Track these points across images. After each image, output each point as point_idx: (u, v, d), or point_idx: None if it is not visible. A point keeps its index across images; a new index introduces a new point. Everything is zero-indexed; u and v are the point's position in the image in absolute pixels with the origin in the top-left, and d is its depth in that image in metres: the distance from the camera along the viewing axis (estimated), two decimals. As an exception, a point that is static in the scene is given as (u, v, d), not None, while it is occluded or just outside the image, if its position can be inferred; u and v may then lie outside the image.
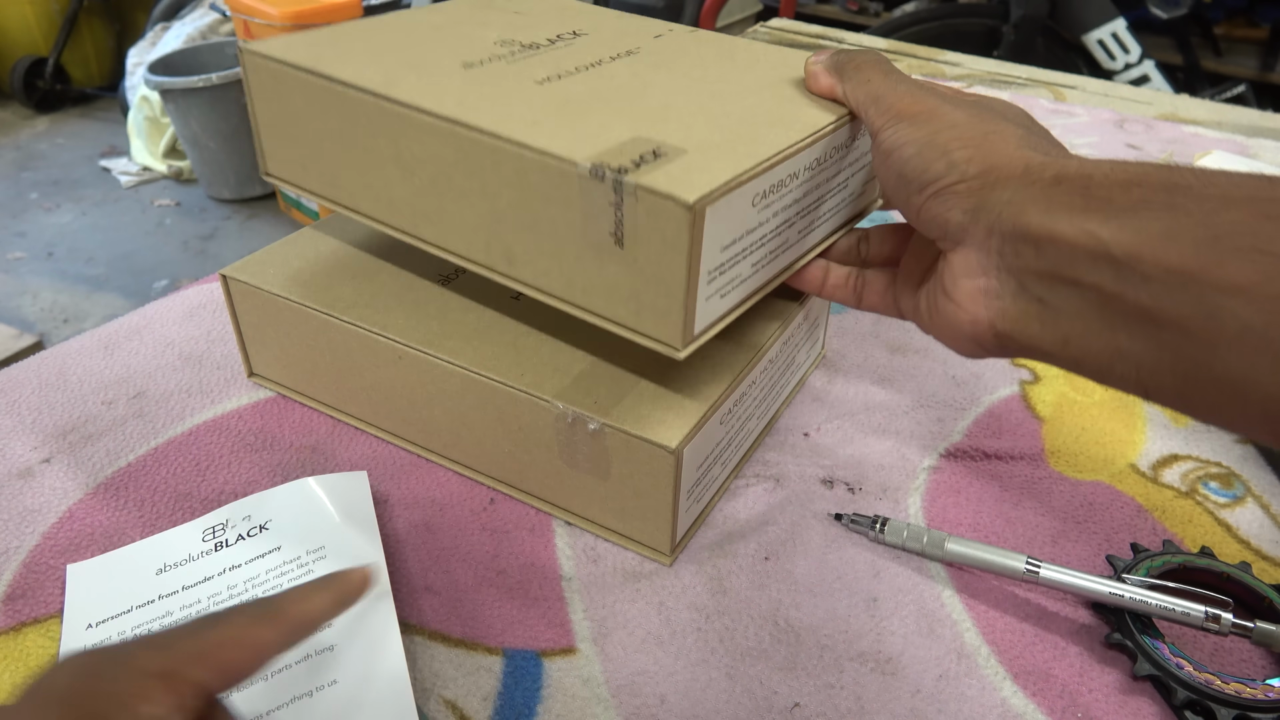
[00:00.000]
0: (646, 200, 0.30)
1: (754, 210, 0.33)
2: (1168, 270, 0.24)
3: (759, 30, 1.11)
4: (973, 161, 0.29)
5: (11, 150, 2.55)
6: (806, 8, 2.80)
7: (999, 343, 0.30)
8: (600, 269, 0.33)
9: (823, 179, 0.37)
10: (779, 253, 0.37)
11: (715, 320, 0.34)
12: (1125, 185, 0.26)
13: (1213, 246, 0.24)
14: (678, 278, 0.31)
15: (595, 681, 0.34)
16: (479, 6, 0.48)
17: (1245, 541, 0.41)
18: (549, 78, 0.38)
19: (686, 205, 0.29)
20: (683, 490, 0.37)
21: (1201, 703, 0.32)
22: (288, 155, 0.42)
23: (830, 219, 0.40)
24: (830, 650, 0.35)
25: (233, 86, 2.07)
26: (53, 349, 0.51)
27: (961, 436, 0.47)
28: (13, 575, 0.37)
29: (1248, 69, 2.32)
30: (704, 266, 0.31)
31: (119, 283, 1.96)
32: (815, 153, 0.35)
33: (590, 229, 0.32)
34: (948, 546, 0.38)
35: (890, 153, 0.32)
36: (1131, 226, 0.25)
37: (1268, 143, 0.84)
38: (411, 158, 0.36)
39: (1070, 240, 0.26)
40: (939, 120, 0.31)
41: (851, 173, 0.40)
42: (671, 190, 0.30)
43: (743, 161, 0.32)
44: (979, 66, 1.03)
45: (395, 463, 0.44)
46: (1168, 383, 0.26)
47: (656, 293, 0.32)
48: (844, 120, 0.37)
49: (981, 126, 0.30)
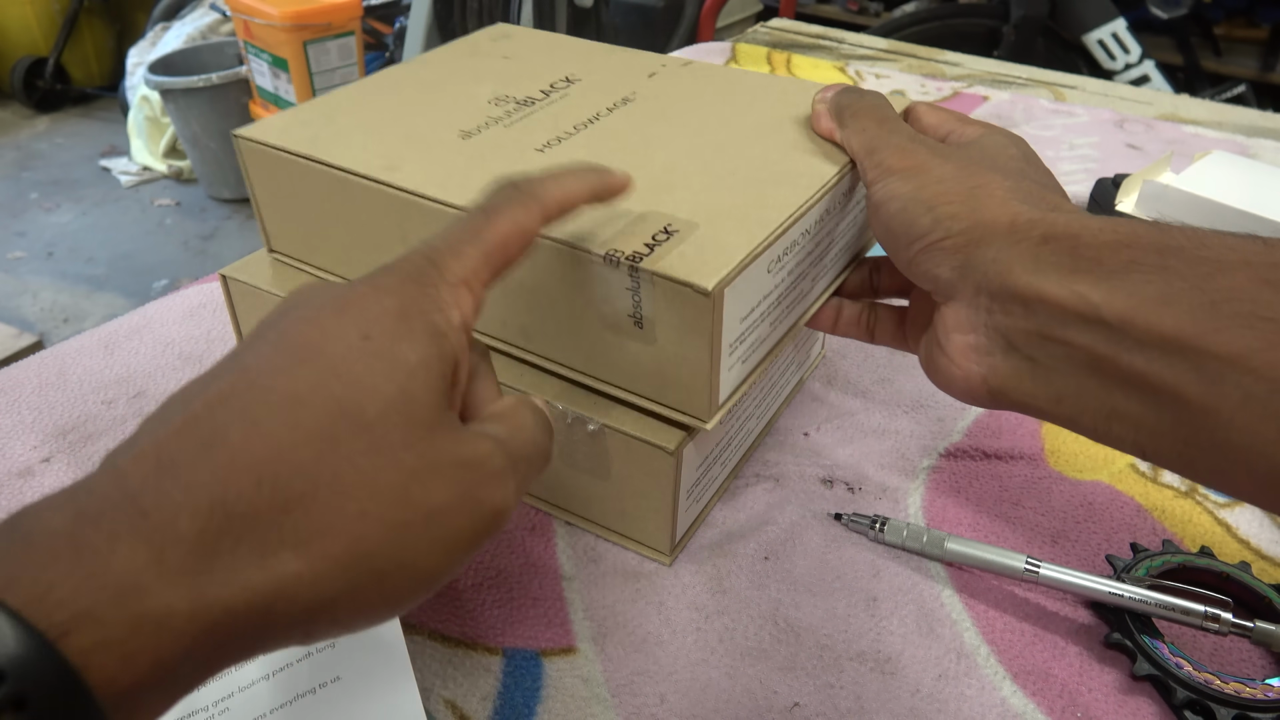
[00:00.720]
0: (664, 286, 0.30)
1: (769, 276, 0.33)
2: (1163, 337, 0.24)
3: (759, 30, 1.11)
4: (958, 218, 0.29)
5: (11, 150, 2.55)
6: (806, 8, 2.80)
7: (993, 398, 0.30)
8: (620, 348, 0.33)
9: (830, 227, 0.37)
10: (794, 305, 0.37)
11: (738, 385, 0.34)
12: (1114, 246, 0.26)
13: (1210, 313, 0.23)
14: (700, 357, 0.31)
15: (595, 681, 0.34)
16: (466, 55, 0.47)
17: (1245, 541, 0.41)
18: (548, 143, 0.38)
19: (705, 292, 0.29)
20: (682, 490, 0.37)
21: (1201, 702, 0.33)
22: (292, 234, 0.42)
23: (840, 259, 0.40)
24: (830, 650, 0.35)
25: (233, 86, 2.07)
26: (53, 349, 0.51)
27: (961, 436, 0.47)
28: (13, 575, 0.37)
29: (1248, 69, 2.32)
30: (725, 340, 0.31)
31: (119, 283, 1.96)
32: (823, 206, 0.35)
33: (608, 312, 0.32)
34: (947, 546, 0.38)
35: (879, 207, 0.32)
36: (1124, 290, 0.25)
37: (1268, 143, 0.84)
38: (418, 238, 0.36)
39: (1059, 301, 0.26)
40: (926, 175, 0.31)
41: (859, 210, 0.40)
42: (689, 277, 0.30)
43: (756, 233, 0.32)
44: (979, 66, 1.03)
45: (395, 462, 0.44)
46: (1168, 447, 0.25)
47: (680, 371, 0.32)
48: (847, 167, 0.36)
49: (968, 181, 0.30)
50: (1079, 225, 0.27)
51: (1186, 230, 0.25)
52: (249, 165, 0.40)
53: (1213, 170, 0.61)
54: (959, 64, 1.03)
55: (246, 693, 0.33)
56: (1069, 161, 0.80)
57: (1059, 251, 0.27)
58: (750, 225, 0.32)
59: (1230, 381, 0.23)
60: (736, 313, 0.31)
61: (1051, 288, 0.26)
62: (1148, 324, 0.24)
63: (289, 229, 0.42)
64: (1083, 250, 0.26)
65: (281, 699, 0.33)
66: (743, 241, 0.31)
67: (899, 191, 0.31)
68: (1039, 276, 0.27)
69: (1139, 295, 0.24)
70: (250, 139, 0.39)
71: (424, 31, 2.17)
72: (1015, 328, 0.28)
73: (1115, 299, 0.25)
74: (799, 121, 0.40)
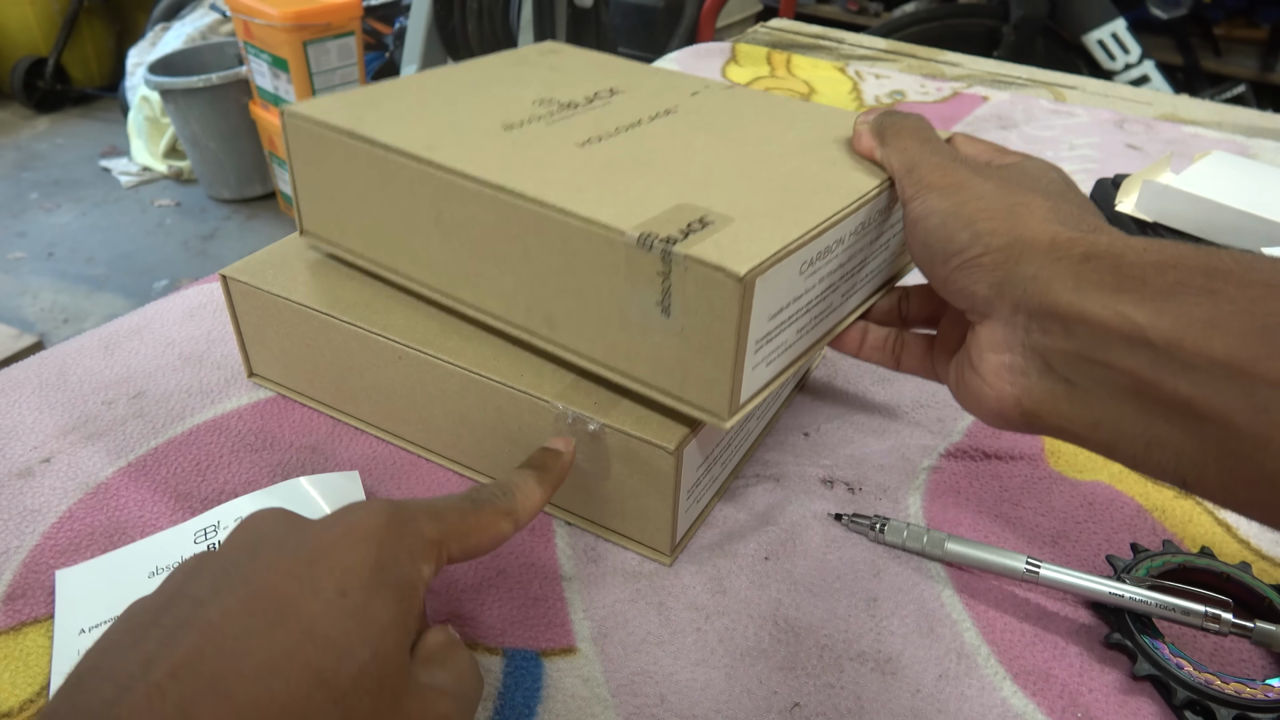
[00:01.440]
0: (696, 271, 0.30)
1: (801, 278, 0.33)
2: (1212, 360, 0.23)
3: (759, 30, 1.11)
4: (997, 234, 0.29)
5: (12, 150, 2.55)
6: (806, 8, 2.80)
7: (1026, 421, 0.29)
8: (645, 337, 0.33)
9: (865, 242, 0.37)
10: (823, 317, 0.37)
11: (760, 388, 0.34)
12: (1160, 267, 0.25)
13: (1263, 337, 0.22)
14: (726, 348, 0.31)
15: (595, 681, 0.34)
16: (513, 63, 0.48)
17: (1245, 541, 0.41)
18: (589, 140, 0.38)
19: (737, 277, 0.29)
20: (683, 490, 0.37)
21: (1201, 703, 0.32)
22: (326, 215, 0.42)
23: (871, 280, 0.40)
24: (830, 650, 0.35)
25: (233, 86, 2.07)
26: (53, 349, 0.51)
27: (961, 436, 0.47)
28: (13, 575, 0.37)
29: (1248, 69, 2.32)
30: (752, 336, 0.31)
31: (119, 283, 1.97)
32: (859, 218, 0.35)
33: (636, 298, 0.32)
34: (948, 546, 0.38)
35: (917, 222, 0.31)
36: (1170, 311, 0.24)
37: (1267, 143, 0.84)
38: (452, 221, 0.36)
39: (1102, 321, 0.25)
40: (966, 191, 0.31)
41: (893, 234, 0.39)
42: (722, 261, 0.29)
43: (790, 230, 0.31)
44: (979, 66, 1.03)
45: (395, 463, 0.44)
46: (1211, 476, 0.24)
47: (704, 363, 0.32)
48: (886, 184, 0.36)
49: (1008, 198, 0.30)
50: (1122, 245, 0.26)
51: (1234, 254, 0.25)
52: (291, 142, 0.40)
53: (1213, 170, 0.61)
54: (959, 64, 1.03)
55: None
56: (1069, 162, 0.80)
57: (1101, 270, 0.26)
58: (786, 224, 0.32)
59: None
60: (766, 308, 0.31)
61: (1093, 307, 0.26)
62: (1196, 347, 0.23)
63: (323, 209, 0.42)
64: (1126, 270, 0.25)
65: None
66: (777, 236, 0.31)
67: (938, 207, 0.31)
68: (1080, 295, 0.26)
69: (1186, 317, 0.24)
70: (296, 114, 0.39)
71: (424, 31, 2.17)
72: (1053, 348, 0.27)
73: (1162, 320, 0.24)
74: (839, 141, 0.40)
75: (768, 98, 0.46)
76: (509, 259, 0.35)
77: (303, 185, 0.42)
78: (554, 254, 0.33)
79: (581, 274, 0.33)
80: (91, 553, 0.38)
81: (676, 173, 0.35)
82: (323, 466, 0.43)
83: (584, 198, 0.33)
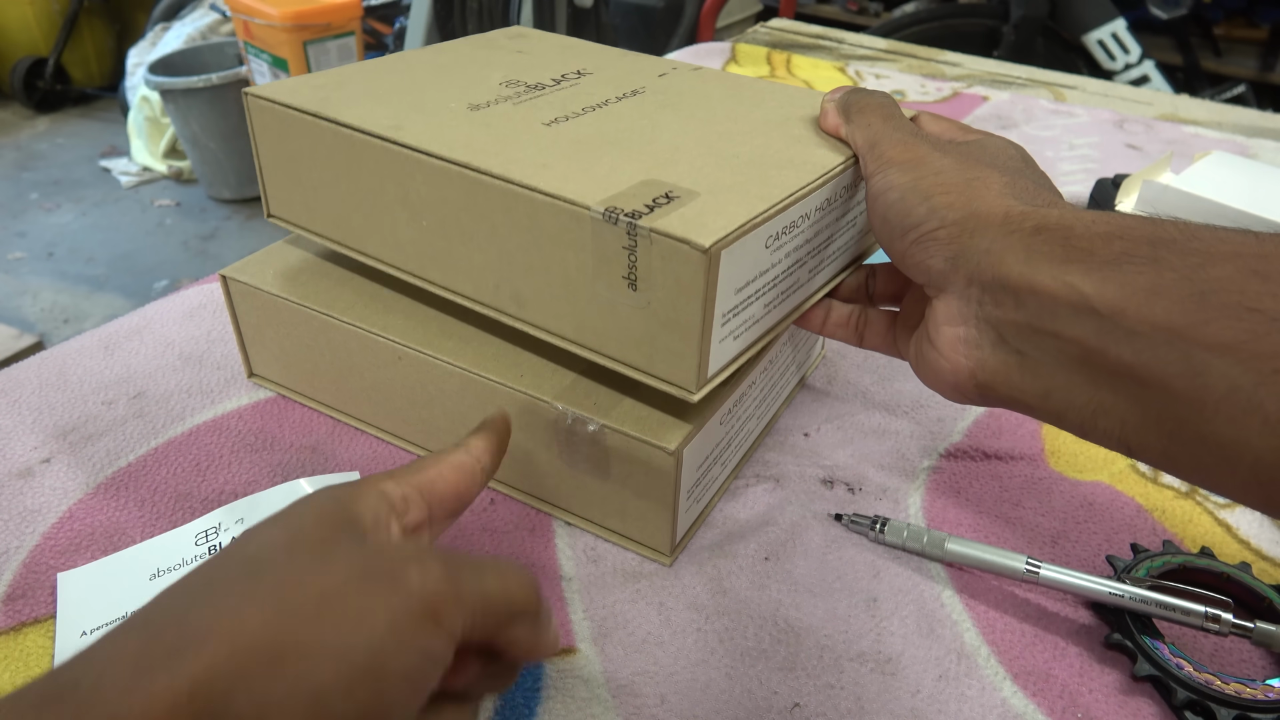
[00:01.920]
0: (661, 244, 0.30)
1: (766, 252, 0.33)
2: (1153, 326, 0.24)
3: (759, 30, 1.11)
4: (953, 208, 0.29)
5: (12, 150, 2.55)
6: (806, 8, 2.80)
7: (980, 392, 0.29)
8: (612, 312, 0.33)
9: (831, 219, 0.37)
10: (790, 293, 0.37)
11: (728, 362, 0.34)
12: (1107, 237, 0.26)
13: (1199, 303, 0.23)
14: (692, 321, 0.31)
15: (595, 681, 0.34)
16: (481, 46, 0.48)
17: (1245, 542, 0.41)
18: (556, 119, 0.38)
19: (702, 249, 0.29)
20: (683, 490, 0.37)
21: (1201, 703, 0.32)
22: (292, 197, 0.42)
23: (838, 258, 0.40)
24: (830, 650, 0.35)
25: (232, 86, 2.07)
26: (53, 349, 0.51)
27: (961, 436, 0.47)
28: (13, 575, 0.37)
29: (1248, 69, 2.32)
30: (718, 309, 0.31)
31: (119, 283, 1.96)
32: (825, 194, 0.35)
33: (602, 272, 0.32)
34: (948, 546, 0.38)
35: (877, 197, 0.32)
36: (1115, 280, 0.25)
37: (1267, 143, 0.84)
38: (419, 201, 0.36)
39: (1050, 292, 0.26)
40: (925, 167, 0.31)
41: (859, 211, 0.40)
42: (687, 234, 0.29)
43: (755, 204, 0.32)
44: (979, 66, 1.03)
45: (395, 463, 0.44)
46: (1152, 441, 0.25)
47: (671, 336, 0.32)
48: (850, 161, 0.36)
49: (966, 173, 0.30)
50: (1072, 217, 0.27)
51: (1179, 223, 0.25)
52: (256, 124, 0.40)
53: (1212, 170, 0.61)
54: (959, 64, 1.03)
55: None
56: (1069, 162, 0.80)
57: (1051, 242, 0.26)
58: (751, 199, 0.32)
59: (1216, 373, 0.23)
60: (732, 280, 0.31)
61: (1043, 278, 0.26)
62: (1139, 314, 0.24)
63: (290, 192, 0.42)
64: (1075, 241, 0.26)
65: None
66: (742, 210, 0.31)
67: (897, 182, 0.31)
68: (1031, 267, 0.27)
69: (1130, 286, 0.24)
70: (259, 96, 0.39)
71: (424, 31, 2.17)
72: (1005, 320, 0.28)
73: (1106, 289, 0.25)
74: (806, 120, 0.40)
75: (736, 78, 0.46)
76: (476, 237, 0.35)
77: (269, 168, 0.42)
78: (521, 231, 0.33)
79: (548, 250, 0.33)
80: (91, 553, 0.38)
81: (643, 150, 0.36)
82: (323, 467, 0.43)
83: (550, 174, 0.33)
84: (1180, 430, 0.24)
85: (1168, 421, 0.24)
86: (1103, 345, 0.25)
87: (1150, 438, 0.25)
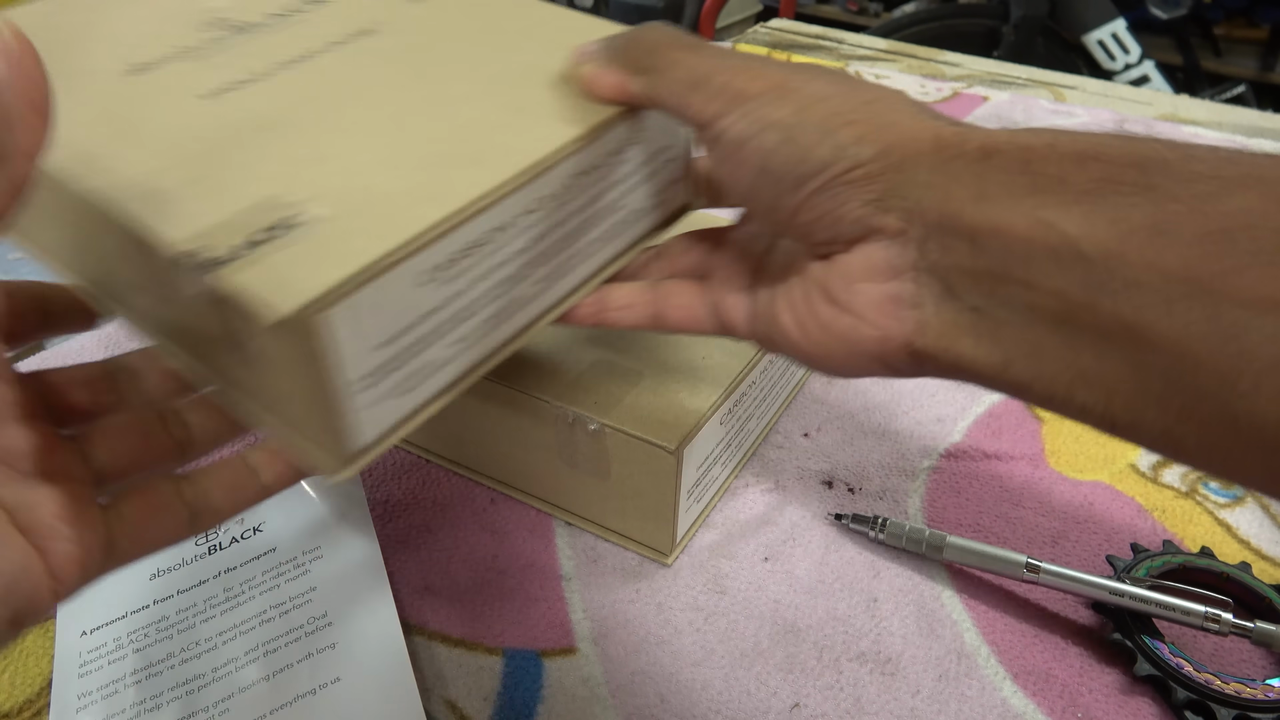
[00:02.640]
0: (237, 305, 0.22)
1: (430, 288, 0.25)
2: (1164, 276, 0.18)
3: (759, 31, 1.11)
4: (865, 140, 0.23)
5: (11, 150, 2.55)
6: (806, 8, 2.80)
7: (914, 362, 0.24)
8: (241, 366, 0.25)
9: (574, 209, 0.29)
10: (508, 314, 0.29)
11: (406, 417, 0.26)
12: (1079, 158, 0.20)
13: (1224, 244, 0.18)
14: (314, 393, 0.23)
15: (595, 681, 0.34)
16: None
17: (1245, 541, 0.41)
18: (224, 88, 0.29)
19: (286, 317, 0.21)
20: (683, 490, 0.37)
21: (1201, 703, 0.33)
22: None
23: (605, 245, 0.31)
24: (830, 650, 0.35)
25: None
26: (53, 349, 0.51)
27: (961, 436, 0.47)
28: (13, 575, 0.37)
29: (1248, 69, 2.32)
30: (348, 376, 0.23)
31: (119, 283, 1.96)
32: (545, 188, 0.27)
33: (206, 323, 0.24)
34: (948, 546, 0.38)
35: (746, 142, 0.25)
36: (1104, 215, 0.19)
37: (1267, 143, 0.84)
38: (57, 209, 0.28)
39: (1019, 233, 0.20)
40: (799, 95, 0.24)
41: (631, 186, 0.31)
42: (266, 294, 0.21)
43: (396, 233, 0.23)
44: (979, 67, 1.03)
45: (395, 463, 0.44)
46: (1151, 418, 0.20)
47: (301, 405, 0.24)
48: (588, 137, 0.27)
49: (857, 95, 0.24)
50: (1026, 135, 0.21)
51: (1165, 141, 0.20)
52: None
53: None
54: (959, 64, 1.03)
55: (247, 694, 0.33)
56: (1069, 162, 0.80)
57: (1008, 169, 0.21)
58: (397, 223, 0.24)
59: (1257, 335, 0.17)
60: (365, 339, 0.23)
61: (1006, 215, 0.21)
62: (1143, 260, 0.19)
63: None
64: (1039, 165, 0.21)
65: (281, 700, 0.33)
66: (372, 244, 0.23)
67: (775, 118, 0.24)
68: (987, 202, 0.21)
69: (1125, 223, 0.19)
70: None
71: None
72: (957, 267, 0.22)
73: (1095, 228, 0.19)
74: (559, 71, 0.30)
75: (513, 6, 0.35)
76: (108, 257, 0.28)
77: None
78: (132, 265, 0.26)
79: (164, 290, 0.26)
80: (91, 553, 0.38)
81: (307, 138, 0.27)
82: (323, 466, 0.43)
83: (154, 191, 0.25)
84: (1196, 407, 0.19)
85: (1178, 395, 0.19)
86: (1091, 299, 0.19)
87: (1148, 415, 0.20)
